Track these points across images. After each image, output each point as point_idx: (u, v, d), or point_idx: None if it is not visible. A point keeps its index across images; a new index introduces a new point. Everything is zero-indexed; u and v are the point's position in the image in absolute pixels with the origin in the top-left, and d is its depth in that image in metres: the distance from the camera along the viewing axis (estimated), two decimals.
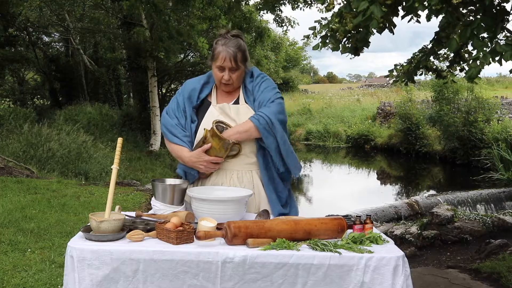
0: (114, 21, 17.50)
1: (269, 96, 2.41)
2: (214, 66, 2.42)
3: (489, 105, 14.18)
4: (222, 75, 2.40)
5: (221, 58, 2.37)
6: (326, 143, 21.08)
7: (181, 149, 2.39)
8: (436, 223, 6.59)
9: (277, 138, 2.34)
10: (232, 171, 2.41)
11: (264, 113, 2.33)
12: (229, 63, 2.36)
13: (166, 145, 2.51)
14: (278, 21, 14.78)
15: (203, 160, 2.33)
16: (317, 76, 71.61)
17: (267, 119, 2.31)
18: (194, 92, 2.48)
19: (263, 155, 2.41)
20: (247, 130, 2.33)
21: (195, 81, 2.55)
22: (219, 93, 2.52)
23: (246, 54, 2.44)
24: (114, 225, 1.89)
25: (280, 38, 28.03)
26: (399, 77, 4.83)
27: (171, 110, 2.48)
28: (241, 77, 2.45)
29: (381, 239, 1.97)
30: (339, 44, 3.99)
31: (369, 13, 2.94)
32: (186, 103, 2.46)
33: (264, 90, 2.43)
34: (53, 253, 4.33)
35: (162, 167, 13.76)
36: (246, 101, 2.47)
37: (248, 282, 1.80)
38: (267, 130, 2.31)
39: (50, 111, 18.91)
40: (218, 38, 2.44)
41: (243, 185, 2.39)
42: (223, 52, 2.36)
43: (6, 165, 8.52)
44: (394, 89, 27.01)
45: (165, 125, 2.46)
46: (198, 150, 2.33)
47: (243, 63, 2.41)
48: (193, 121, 2.45)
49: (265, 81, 2.48)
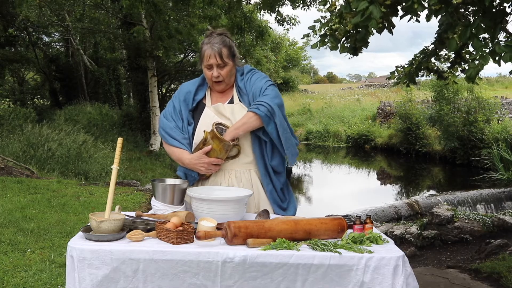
0: (114, 21, 17.50)
1: (261, 85, 2.43)
2: (203, 67, 2.45)
3: (489, 105, 14.18)
4: (211, 73, 2.41)
5: (206, 56, 2.39)
6: (326, 143, 21.08)
7: (181, 151, 2.40)
8: (436, 223, 6.59)
9: (276, 123, 2.36)
10: (231, 171, 2.43)
11: (262, 101, 2.35)
12: (214, 59, 2.38)
13: (165, 148, 2.52)
14: (279, 20, 14.78)
15: (203, 162, 2.34)
16: (317, 76, 71.60)
17: (267, 105, 2.34)
18: (189, 95, 2.50)
19: (259, 146, 2.43)
20: (245, 122, 2.34)
21: (190, 84, 2.56)
22: (213, 94, 2.53)
23: (233, 50, 2.44)
24: (114, 225, 1.89)
25: (280, 38, 28.03)
26: (401, 79, 4.84)
27: (168, 113, 2.50)
28: (230, 73, 2.46)
29: (381, 239, 1.97)
30: (338, 43, 3.99)
31: (368, 13, 2.94)
32: (182, 106, 2.48)
33: (256, 81, 2.45)
34: (53, 253, 4.33)
35: (162, 167, 13.76)
36: (240, 100, 2.48)
37: (248, 280, 1.80)
38: (268, 117, 2.34)
39: (50, 111, 18.93)
40: (203, 40, 2.46)
41: (242, 185, 2.40)
42: (208, 50, 2.39)
43: (6, 165, 8.52)
44: (394, 89, 27.00)
45: (163, 128, 2.47)
46: (199, 152, 2.34)
47: (230, 59, 2.42)
48: (190, 123, 2.47)
49: (255, 74, 2.50)
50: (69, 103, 20.04)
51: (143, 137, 16.52)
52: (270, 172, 2.45)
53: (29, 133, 10.66)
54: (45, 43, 23.46)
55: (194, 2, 12.07)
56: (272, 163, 2.45)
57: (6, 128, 11.46)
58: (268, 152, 2.44)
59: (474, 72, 2.93)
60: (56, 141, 10.38)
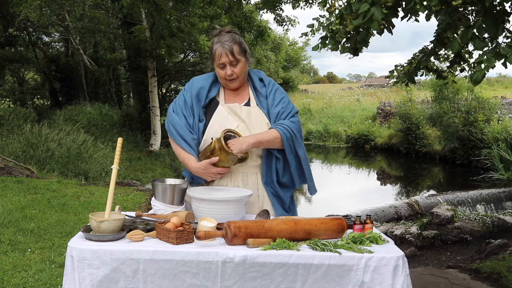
0: (114, 21, 17.50)
1: (289, 109, 2.43)
2: (215, 66, 2.41)
3: (489, 105, 14.18)
4: (225, 71, 2.37)
5: (218, 55, 2.36)
6: (326, 143, 21.08)
7: (188, 157, 2.35)
8: (436, 223, 6.59)
9: (299, 153, 2.37)
10: (237, 173, 2.40)
11: (289, 127, 2.34)
12: (226, 57, 2.34)
13: (172, 144, 2.45)
14: (278, 20, 14.78)
15: (210, 172, 2.31)
16: (317, 76, 71.64)
17: (292, 133, 2.34)
18: (203, 91, 2.44)
19: (267, 161, 2.41)
20: (269, 140, 2.33)
21: (203, 79, 2.50)
22: (227, 92, 2.48)
23: (244, 46, 2.41)
24: (114, 225, 1.89)
25: (280, 38, 28.04)
26: (400, 78, 4.84)
27: (178, 107, 2.42)
28: (244, 69, 2.42)
29: (381, 239, 1.97)
30: (339, 44, 4.00)
31: (370, 15, 2.94)
32: (194, 101, 2.41)
33: (281, 102, 2.44)
34: (53, 253, 4.33)
35: (162, 167, 13.76)
36: (258, 104, 2.44)
37: (248, 281, 1.80)
38: (289, 144, 2.34)
39: (50, 111, 18.92)
40: (213, 39, 2.43)
41: (248, 187, 2.38)
42: (219, 48, 2.35)
43: (6, 165, 8.52)
44: (394, 89, 27.01)
45: (173, 124, 2.39)
46: (206, 162, 2.28)
47: (242, 55, 2.39)
48: (201, 120, 2.41)
49: (279, 90, 2.49)
50: (69, 103, 20.04)
51: (143, 137, 16.52)
52: (277, 189, 2.42)
53: (29, 133, 10.66)
54: (45, 43, 23.46)
55: (194, 2, 12.07)
56: (283, 179, 2.43)
57: (6, 128, 11.46)
58: (279, 169, 2.41)
59: (480, 75, 2.92)
60: (56, 141, 10.37)
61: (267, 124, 2.41)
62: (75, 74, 22.24)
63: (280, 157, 2.40)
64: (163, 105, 16.99)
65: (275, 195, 2.42)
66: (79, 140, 11.18)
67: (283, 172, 2.42)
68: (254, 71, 2.53)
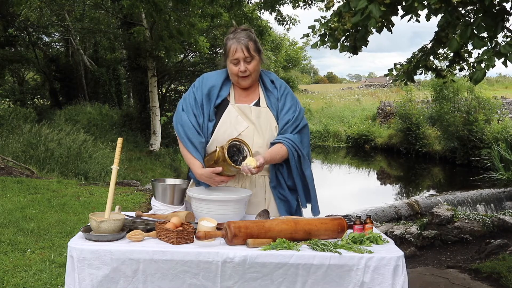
0: (114, 21, 17.49)
1: (299, 121, 2.44)
2: (228, 62, 2.38)
3: (489, 105, 14.18)
4: (238, 68, 2.35)
5: (233, 50, 2.33)
6: (326, 143, 21.07)
7: (193, 162, 2.32)
8: (436, 223, 6.59)
9: (305, 173, 2.38)
10: (246, 176, 2.36)
11: (298, 147, 2.35)
12: (241, 53, 2.32)
13: (179, 144, 2.41)
14: (279, 19, 14.77)
15: (214, 180, 2.28)
16: (317, 76, 71.66)
17: (300, 152, 2.35)
18: (214, 90, 2.40)
19: (276, 165, 2.40)
20: (277, 160, 2.34)
21: (215, 77, 2.44)
22: (237, 91, 2.45)
23: (258, 45, 2.41)
24: (114, 225, 1.89)
25: (280, 38, 28.03)
26: (399, 76, 4.84)
27: (189, 105, 2.38)
28: (257, 68, 2.40)
29: (381, 239, 1.97)
30: (338, 42, 3.99)
31: (368, 12, 2.93)
32: (205, 100, 2.37)
33: (291, 110, 2.44)
34: (53, 253, 4.33)
35: (162, 167, 13.76)
36: (268, 104, 2.43)
37: (248, 281, 1.80)
38: (297, 167, 2.36)
39: (50, 111, 18.91)
40: (228, 36, 2.40)
41: (255, 190, 2.37)
42: (234, 44, 2.34)
43: (6, 165, 8.52)
44: (394, 89, 27.02)
45: (181, 124, 2.35)
46: (210, 170, 2.24)
47: (256, 53, 2.37)
48: (211, 120, 2.37)
49: (290, 94, 2.49)
50: (69, 103, 20.02)
51: (143, 137, 16.51)
52: (285, 192, 2.42)
53: (29, 133, 10.66)
54: (45, 43, 23.45)
55: (194, 2, 12.06)
56: (288, 183, 2.42)
57: (6, 128, 11.45)
58: (284, 174, 2.42)
59: (480, 74, 2.92)
60: (56, 141, 10.37)
61: (275, 128, 2.40)
62: (75, 74, 22.23)
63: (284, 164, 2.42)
64: (163, 105, 16.98)
65: (282, 199, 2.41)
66: (79, 140, 11.18)
67: (288, 175, 2.43)
68: (265, 72, 2.52)
